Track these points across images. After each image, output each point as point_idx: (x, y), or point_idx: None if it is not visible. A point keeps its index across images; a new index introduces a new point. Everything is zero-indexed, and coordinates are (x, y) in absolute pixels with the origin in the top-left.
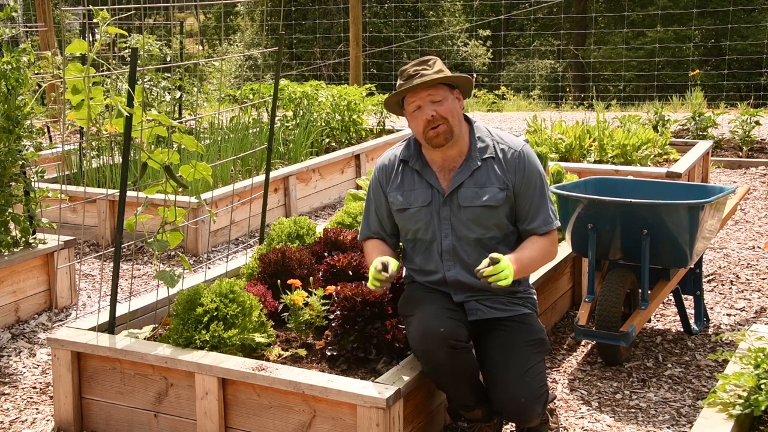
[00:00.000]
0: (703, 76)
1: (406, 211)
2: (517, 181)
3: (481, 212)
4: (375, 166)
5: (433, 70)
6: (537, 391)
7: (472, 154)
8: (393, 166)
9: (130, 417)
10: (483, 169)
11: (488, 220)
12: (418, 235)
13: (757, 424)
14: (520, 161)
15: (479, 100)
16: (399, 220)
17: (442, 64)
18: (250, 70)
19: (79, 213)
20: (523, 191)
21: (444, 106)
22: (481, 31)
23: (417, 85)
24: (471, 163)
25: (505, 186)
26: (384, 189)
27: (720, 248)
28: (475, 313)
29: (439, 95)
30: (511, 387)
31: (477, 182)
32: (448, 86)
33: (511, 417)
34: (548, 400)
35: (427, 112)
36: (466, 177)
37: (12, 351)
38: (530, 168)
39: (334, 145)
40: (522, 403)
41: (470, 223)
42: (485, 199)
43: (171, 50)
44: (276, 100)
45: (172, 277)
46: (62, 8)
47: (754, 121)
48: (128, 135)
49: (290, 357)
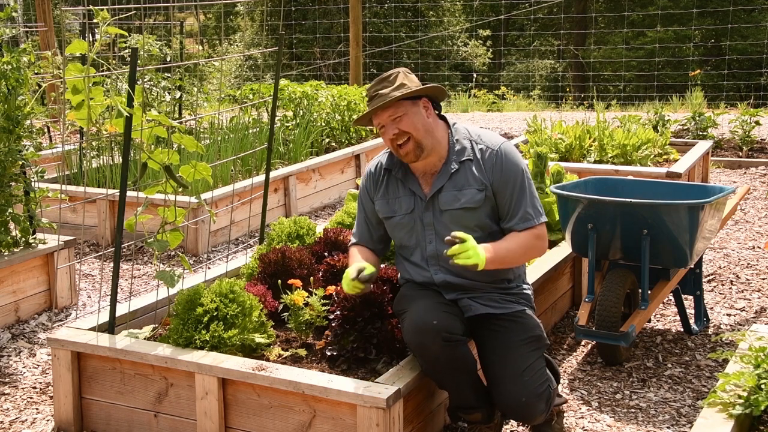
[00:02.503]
0: (703, 76)
1: (391, 219)
2: (495, 180)
3: (461, 214)
4: (363, 173)
5: (392, 87)
6: (537, 389)
7: (450, 158)
8: (379, 175)
9: (130, 417)
10: (461, 171)
11: (469, 221)
12: (403, 242)
13: (757, 424)
14: (498, 160)
15: (479, 100)
16: (387, 227)
17: (406, 76)
18: (250, 70)
19: (79, 213)
20: (500, 189)
21: (404, 122)
22: (481, 31)
23: (372, 111)
24: (449, 167)
25: (483, 186)
26: (371, 197)
27: (720, 248)
28: (469, 309)
29: (400, 111)
30: (510, 387)
31: (455, 185)
32: (412, 99)
33: (515, 417)
34: (552, 396)
35: (390, 132)
36: (445, 181)
37: (12, 351)
38: (508, 166)
39: (334, 145)
40: (523, 402)
41: (451, 225)
42: (463, 201)
43: (171, 50)
44: (276, 100)
45: (172, 277)
46: (62, 8)
47: (754, 121)
48: (128, 135)
49: (290, 357)
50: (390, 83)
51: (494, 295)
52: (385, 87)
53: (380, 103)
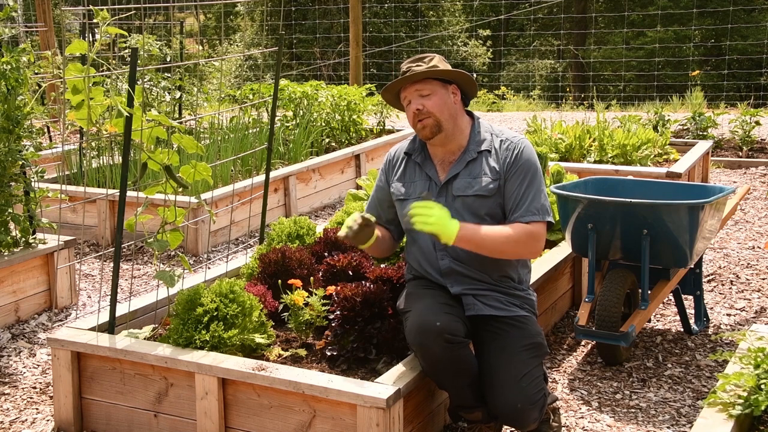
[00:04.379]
0: (703, 76)
1: (405, 201)
2: (507, 169)
3: (473, 201)
4: (385, 157)
5: (425, 66)
6: (533, 396)
7: (469, 147)
8: (398, 159)
9: (130, 417)
10: (478, 160)
11: (480, 209)
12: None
13: (757, 424)
14: (514, 151)
15: (479, 100)
16: (399, 210)
17: (441, 61)
18: (250, 70)
19: (79, 213)
20: (511, 178)
21: (432, 101)
22: (481, 31)
23: (401, 80)
24: (467, 155)
25: (497, 176)
26: (389, 180)
27: (720, 248)
28: (472, 307)
29: (428, 89)
30: (506, 393)
31: (471, 173)
32: (443, 81)
33: (508, 422)
34: (546, 404)
35: (414, 106)
36: (462, 168)
37: (12, 351)
38: (522, 158)
39: (334, 145)
40: (518, 409)
41: (463, 211)
42: (476, 189)
43: (171, 50)
44: (276, 100)
45: (172, 277)
46: (62, 8)
47: (754, 121)
48: (128, 135)
49: (290, 357)
50: (424, 63)
51: (499, 296)
52: (419, 65)
53: (406, 76)
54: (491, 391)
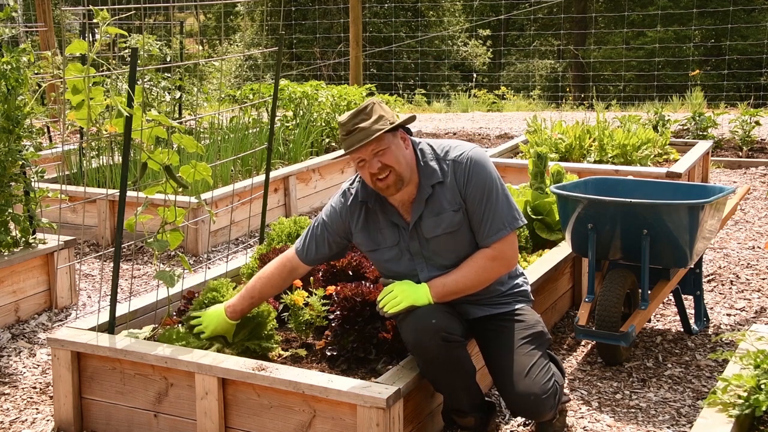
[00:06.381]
0: (703, 76)
1: (376, 251)
2: (465, 191)
3: (446, 239)
4: (338, 194)
5: (372, 119)
6: (544, 386)
7: (422, 183)
8: (356, 206)
9: (130, 417)
10: (435, 195)
11: (455, 244)
12: (392, 272)
13: (757, 424)
14: (465, 171)
15: (479, 100)
16: (372, 260)
17: (381, 107)
18: (250, 70)
19: (79, 213)
20: (469, 199)
21: (387, 155)
22: (481, 31)
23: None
24: (423, 193)
25: (459, 206)
26: (349, 225)
27: (720, 248)
28: (468, 314)
29: (383, 145)
30: (518, 387)
31: (433, 211)
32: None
33: (525, 414)
34: (559, 391)
35: (373, 166)
36: (423, 208)
37: (12, 351)
38: (474, 174)
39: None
40: (532, 401)
41: (440, 250)
42: (444, 226)
43: (171, 50)
44: (276, 100)
45: (172, 277)
46: (62, 8)
47: (754, 121)
48: (128, 135)
49: (290, 357)
50: (368, 116)
51: (490, 298)
52: (363, 120)
53: (366, 139)
54: (503, 390)
